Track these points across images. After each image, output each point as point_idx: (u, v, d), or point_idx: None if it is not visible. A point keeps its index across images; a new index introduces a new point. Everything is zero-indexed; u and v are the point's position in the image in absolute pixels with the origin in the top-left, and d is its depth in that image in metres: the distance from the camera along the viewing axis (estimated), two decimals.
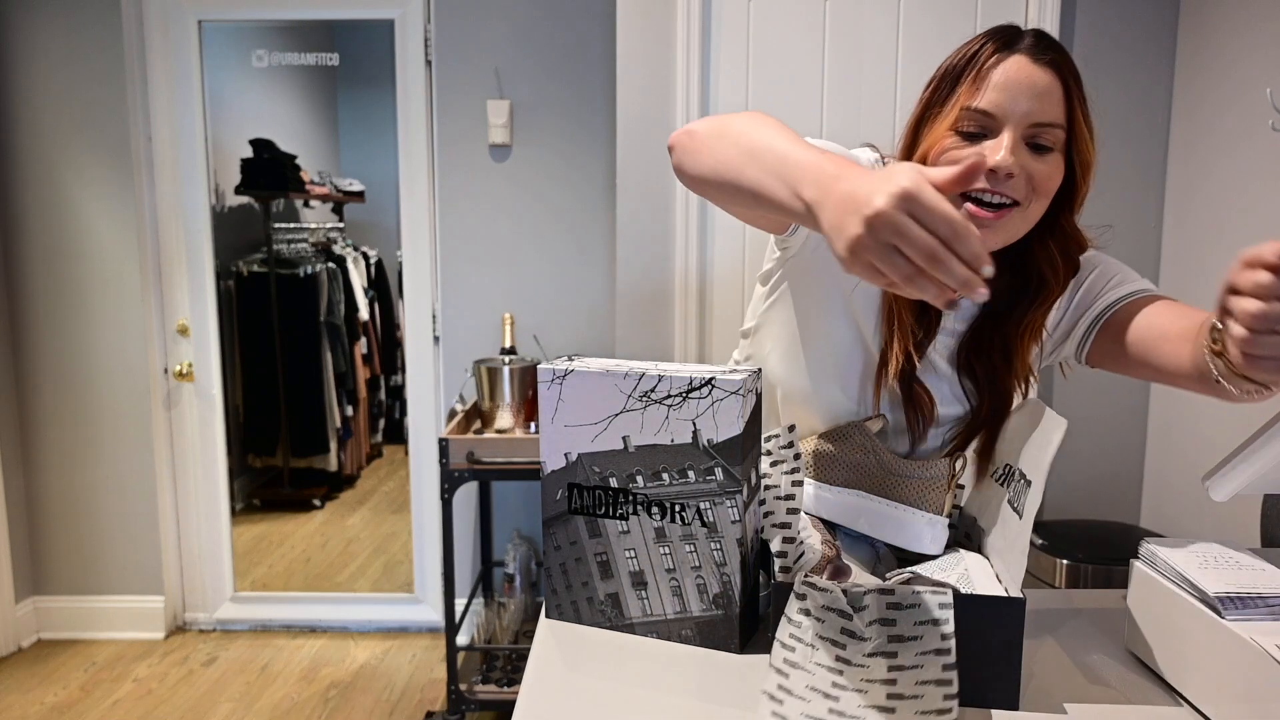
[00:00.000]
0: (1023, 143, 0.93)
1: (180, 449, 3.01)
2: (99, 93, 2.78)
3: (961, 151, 0.94)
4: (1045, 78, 0.92)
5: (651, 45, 2.42)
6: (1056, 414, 0.89)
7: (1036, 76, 0.92)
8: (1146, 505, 2.55)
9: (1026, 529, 0.86)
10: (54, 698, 2.60)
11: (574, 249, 2.80)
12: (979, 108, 0.93)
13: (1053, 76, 0.93)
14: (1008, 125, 0.92)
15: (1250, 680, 0.74)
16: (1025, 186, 0.93)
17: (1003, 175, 0.92)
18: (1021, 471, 0.92)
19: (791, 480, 0.99)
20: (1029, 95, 0.92)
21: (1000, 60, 0.93)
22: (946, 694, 0.76)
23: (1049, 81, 0.92)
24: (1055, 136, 0.93)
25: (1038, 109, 0.92)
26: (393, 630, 3.07)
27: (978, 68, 0.94)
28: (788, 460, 0.97)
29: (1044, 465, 0.87)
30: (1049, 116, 0.92)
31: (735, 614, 0.91)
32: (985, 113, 0.93)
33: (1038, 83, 0.92)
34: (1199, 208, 2.32)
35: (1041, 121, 0.92)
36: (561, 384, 0.94)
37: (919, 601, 0.80)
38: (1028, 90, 0.92)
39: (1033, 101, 0.92)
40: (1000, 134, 0.92)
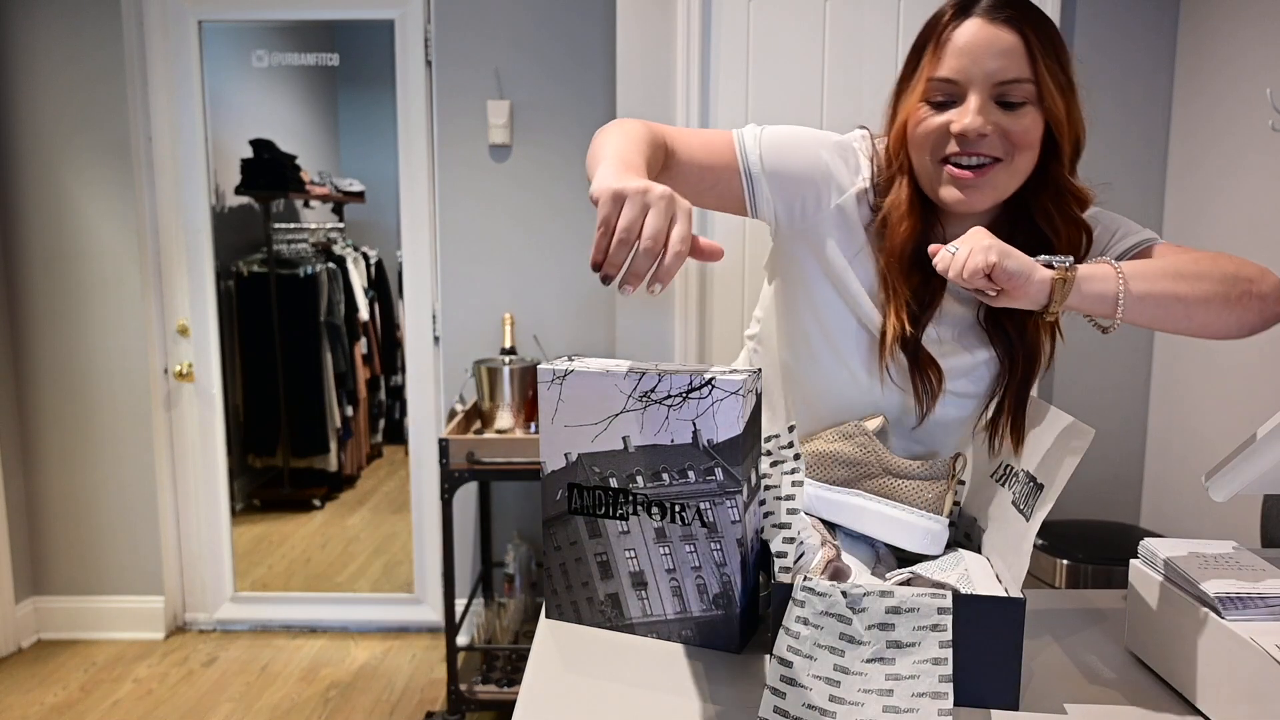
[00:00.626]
0: (992, 102, 0.94)
1: (180, 449, 3.01)
2: (99, 93, 2.78)
3: (932, 120, 0.97)
4: (1004, 35, 0.93)
5: (651, 45, 2.42)
6: (1082, 424, 0.87)
7: (995, 36, 0.93)
8: (1146, 505, 2.55)
9: (1032, 532, 0.86)
10: (54, 698, 2.60)
11: (574, 249, 2.80)
12: (941, 76, 0.95)
13: (1012, 33, 0.93)
14: (972, 88, 0.94)
15: (1250, 680, 0.74)
16: (1003, 143, 0.95)
17: (974, 137, 0.94)
18: (1029, 474, 0.92)
19: (791, 480, 0.99)
20: (989, 55, 0.93)
21: (957, 26, 0.95)
22: (941, 709, 0.76)
23: (1009, 39, 0.93)
24: (1025, 91, 0.94)
25: (999, 67, 0.93)
26: (393, 630, 3.07)
27: (938, 37, 0.96)
28: (788, 460, 0.97)
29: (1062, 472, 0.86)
30: (1013, 73, 0.93)
31: (735, 614, 0.91)
32: (949, 80, 0.95)
33: (996, 42, 0.93)
34: (1199, 208, 2.32)
35: (1005, 79, 0.93)
36: (561, 384, 0.94)
37: (918, 605, 0.80)
38: (986, 50, 0.93)
39: (993, 60, 0.93)
40: (967, 98, 0.94)
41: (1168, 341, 2.47)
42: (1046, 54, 0.94)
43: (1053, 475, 0.88)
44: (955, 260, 0.86)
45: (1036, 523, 0.86)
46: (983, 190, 0.97)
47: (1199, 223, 2.32)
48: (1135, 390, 2.54)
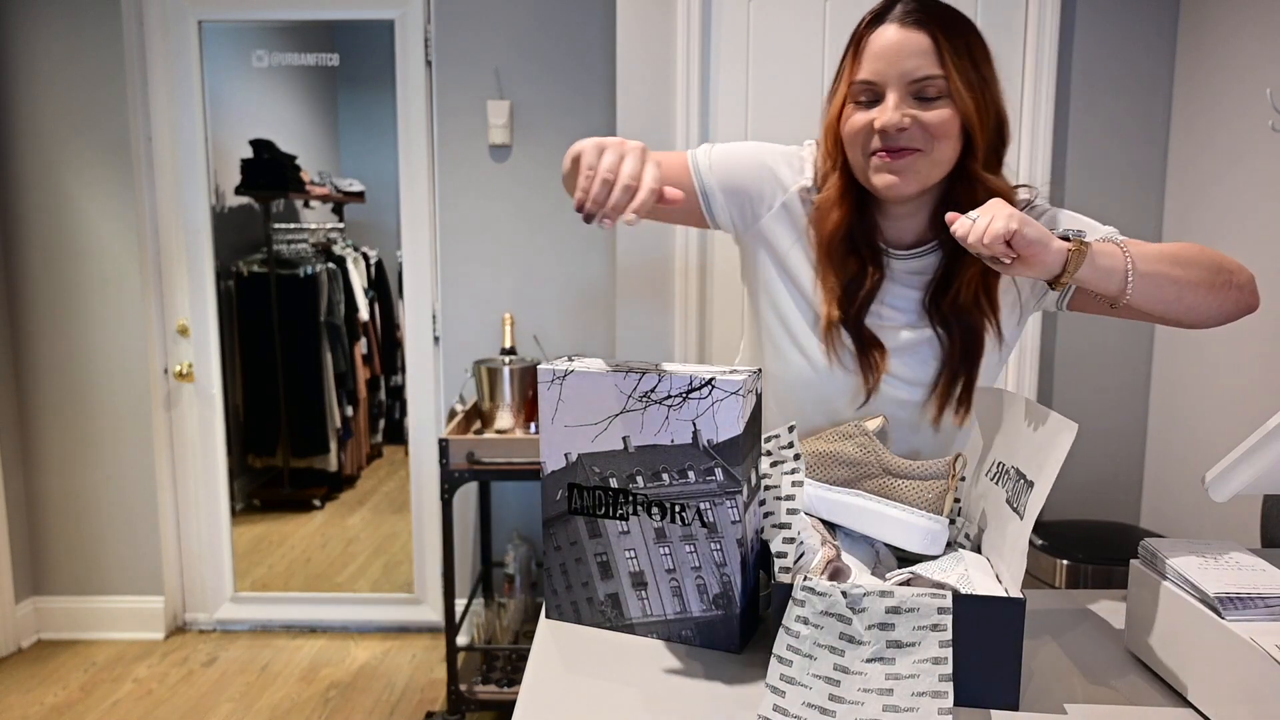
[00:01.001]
0: (911, 98, 1.03)
1: (180, 449, 3.01)
2: (99, 93, 2.78)
3: (858, 118, 1.05)
4: (915, 37, 1.02)
5: (651, 45, 2.42)
6: (1065, 418, 0.88)
7: (906, 38, 1.02)
8: (1146, 505, 2.55)
9: (1027, 530, 0.86)
10: (54, 698, 2.60)
11: (574, 249, 2.80)
12: (861, 79, 1.04)
13: (923, 34, 1.01)
14: (890, 88, 1.03)
15: (1250, 680, 0.74)
16: (922, 135, 1.03)
17: (893, 131, 1.02)
18: (1019, 471, 0.92)
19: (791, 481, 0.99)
20: (902, 57, 1.02)
21: (874, 32, 1.04)
22: (941, 708, 0.76)
23: (920, 40, 1.01)
24: (939, 86, 1.02)
25: (912, 67, 1.01)
26: (393, 630, 3.07)
27: (857, 43, 1.05)
28: (788, 460, 0.97)
29: (1051, 468, 0.86)
30: (925, 71, 1.01)
31: (735, 614, 0.91)
32: (868, 82, 1.04)
33: (908, 44, 1.02)
34: (1199, 208, 2.32)
35: (919, 77, 1.02)
36: (561, 384, 0.94)
37: (918, 605, 0.80)
38: (900, 52, 1.02)
39: (907, 61, 1.01)
40: (886, 96, 1.03)
41: (1168, 341, 2.47)
42: (957, 53, 1.02)
43: (1041, 471, 0.88)
44: (976, 226, 0.90)
45: (1030, 520, 0.86)
46: (906, 176, 1.04)
47: (1199, 222, 2.32)
48: (1135, 390, 2.54)
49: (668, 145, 2.44)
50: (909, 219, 1.12)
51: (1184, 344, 2.39)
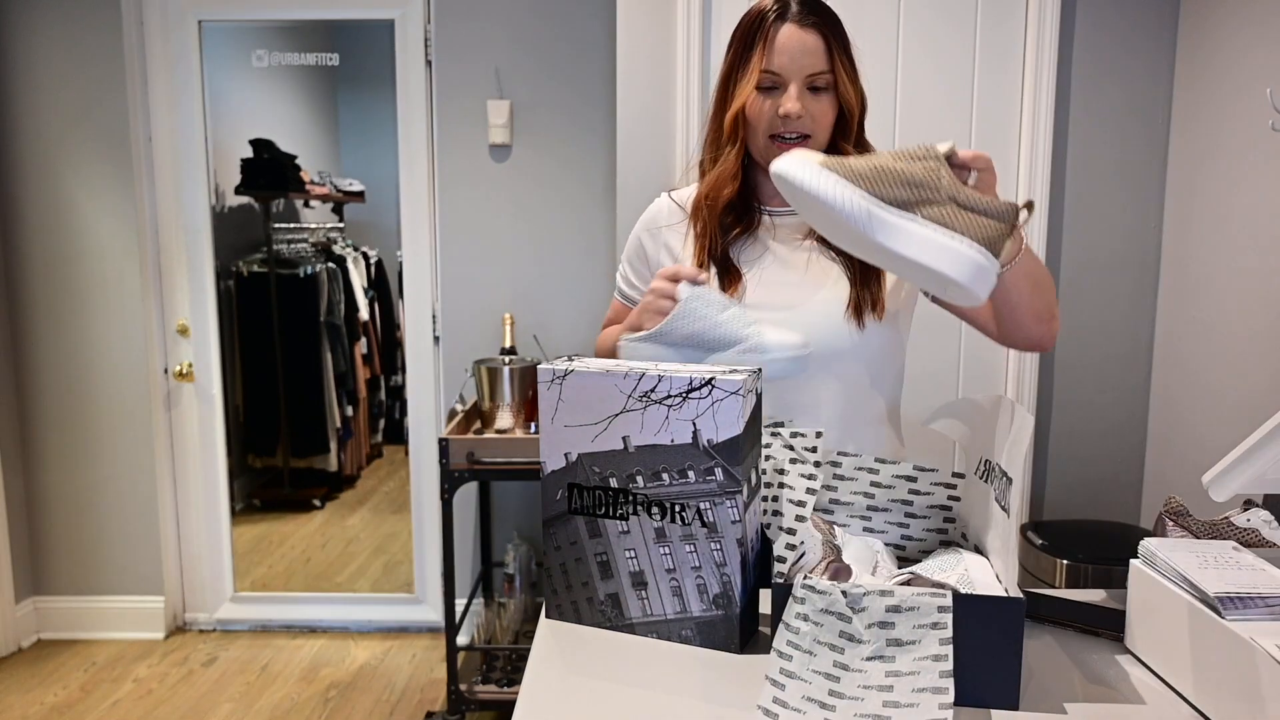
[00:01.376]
0: (806, 89, 1.20)
1: (180, 449, 3.01)
2: (99, 93, 2.78)
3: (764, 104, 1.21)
4: (811, 38, 1.19)
5: (652, 45, 2.42)
6: (1025, 410, 0.93)
7: (804, 38, 1.19)
8: (1146, 505, 2.55)
9: (1014, 527, 0.87)
10: (54, 698, 2.60)
11: (574, 249, 2.80)
12: (769, 69, 1.20)
13: (816, 35, 1.19)
14: (791, 79, 1.20)
15: (1250, 680, 0.74)
16: (811, 123, 1.21)
17: (794, 116, 1.20)
18: (1001, 468, 0.93)
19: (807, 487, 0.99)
20: (802, 54, 1.19)
21: (777, 29, 1.20)
22: (942, 703, 0.76)
23: (815, 41, 1.19)
24: (826, 80, 1.21)
25: (809, 63, 1.20)
26: (393, 630, 3.07)
27: (764, 36, 1.20)
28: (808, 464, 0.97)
29: (1018, 461, 0.88)
30: (818, 67, 1.20)
31: (735, 614, 0.91)
32: (773, 72, 1.20)
33: (805, 43, 1.19)
34: (1199, 208, 2.32)
35: (814, 72, 1.20)
36: (561, 384, 0.94)
37: (918, 604, 0.80)
38: (799, 50, 1.19)
39: (805, 58, 1.19)
40: (788, 86, 1.20)
41: (1168, 341, 2.47)
42: (841, 51, 1.21)
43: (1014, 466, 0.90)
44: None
45: (1015, 516, 0.87)
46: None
47: (1199, 222, 2.32)
48: (1135, 390, 2.54)
49: (668, 144, 2.45)
50: None
51: (1184, 345, 2.39)
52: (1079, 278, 2.51)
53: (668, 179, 2.42)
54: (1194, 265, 2.35)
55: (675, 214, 1.35)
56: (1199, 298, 2.32)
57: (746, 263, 1.29)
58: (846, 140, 1.25)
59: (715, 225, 1.29)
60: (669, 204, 1.37)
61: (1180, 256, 2.41)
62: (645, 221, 1.39)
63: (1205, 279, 2.30)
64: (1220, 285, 2.23)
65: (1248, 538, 0.99)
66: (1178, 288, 2.43)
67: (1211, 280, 2.27)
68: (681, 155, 2.43)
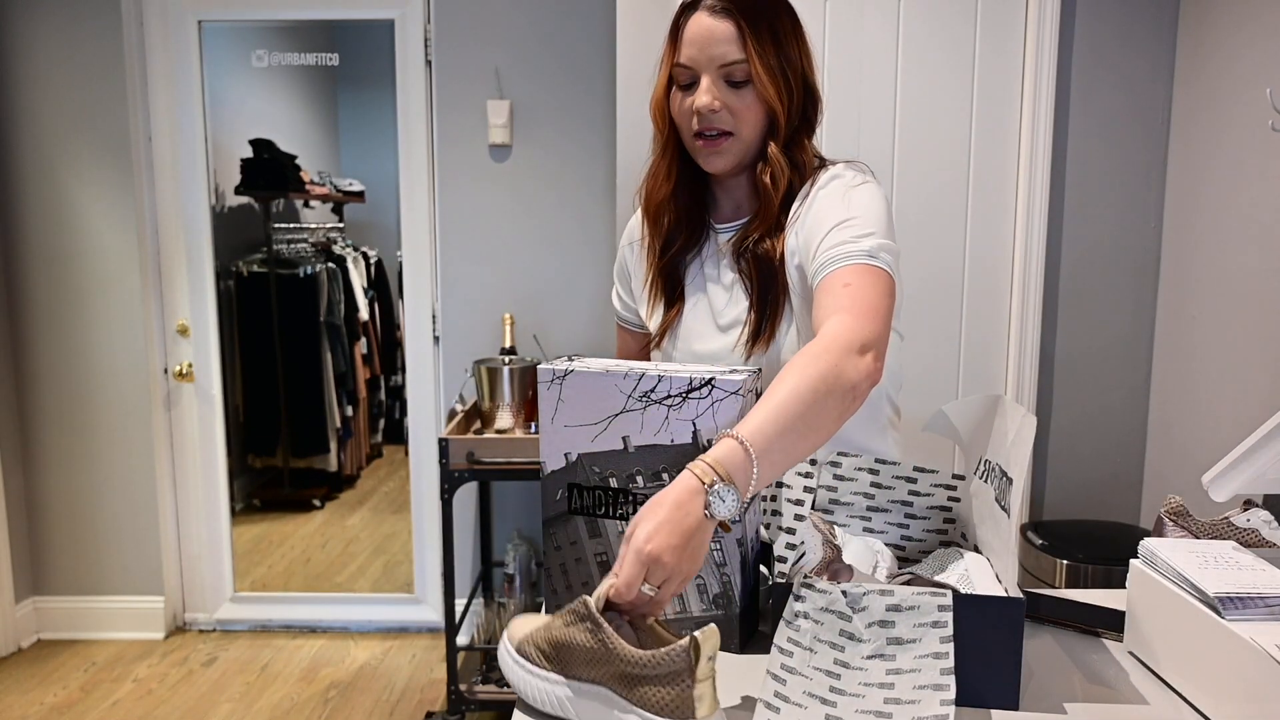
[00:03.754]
0: (723, 81, 1.11)
1: (180, 449, 3.01)
2: (99, 93, 2.78)
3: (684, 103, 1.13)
4: (722, 25, 1.09)
5: (651, 45, 2.41)
6: (1027, 412, 0.91)
7: (714, 26, 1.09)
8: (1146, 505, 2.55)
9: (1014, 527, 0.87)
10: (54, 698, 2.60)
11: (574, 249, 2.80)
12: (679, 63, 1.12)
13: (728, 23, 1.09)
14: (704, 72, 1.11)
15: (1250, 680, 0.74)
16: (732, 119, 1.12)
17: (706, 112, 1.11)
18: (1001, 468, 0.93)
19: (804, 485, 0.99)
20: (711, 43, 1.09)
21: (687, 20, 1.12)
22: (943, 699, 0.76)
23: (725, 28, 1.09)
24: (745, 71, 1.10)
25: (720, 53, 1.09)
26: (393, 630, 3.07)
27: (674, 30, 1.14)
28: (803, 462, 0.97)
29: (1021, 462, 0.88)
30: (731, 56, 1.09)
31: (735, 614, 0.91)
32: (685, 66, 1.12)
33: (715, 31, 1.09)
34: (1199, 208, 2.33)
35: (726, 62, 1.10)
36: (561, 384, 0.94)
37: (919, 604, 0.80)
38: (708, 40, 1.10)
39: (715, 47, 1.09)
40: (700, 80, 1.11)
41: (1168, 341, 2.47)
42: (759, 39, 1.09)
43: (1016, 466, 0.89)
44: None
45: (1015, 517, 0.87)
46: (722, 156, 1.14)
47: (1199, 222, 2.32)
48: (1135, 390, 2.54)
49: None
50: (736, 190, 1.21)
51: (1184, 344, 2.39)
52: (1079, 278, 2.51)
53: None
54: (1194, 265, 2.35)
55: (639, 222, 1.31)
56: (1199, 298, 2.32)
57: (690, 285, 1.22)
58: (776, 140, 1.14)
59: (654, 236, 1.23)
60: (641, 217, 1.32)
61: (1180, 256, 2.41)
62: (625, 236, 1.35)
63: (1205, 279, 2.30)
64: (1220, 285, 2.23)
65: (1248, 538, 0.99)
66: (1178, 288, 2.43)
67: (1211, 280, 2.27)
68: None
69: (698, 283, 1.22)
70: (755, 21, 1.09)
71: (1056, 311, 2.52)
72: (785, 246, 1.13)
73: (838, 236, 1.04)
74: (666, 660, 0.72)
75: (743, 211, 1.21)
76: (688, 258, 1.22)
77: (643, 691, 0.73)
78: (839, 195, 1.10)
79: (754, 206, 1.18)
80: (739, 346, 1.15)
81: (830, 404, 0.87)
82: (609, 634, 0.75)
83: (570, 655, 0.79)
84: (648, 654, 0.73)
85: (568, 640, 0.79)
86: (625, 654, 0.74)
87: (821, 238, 1.05)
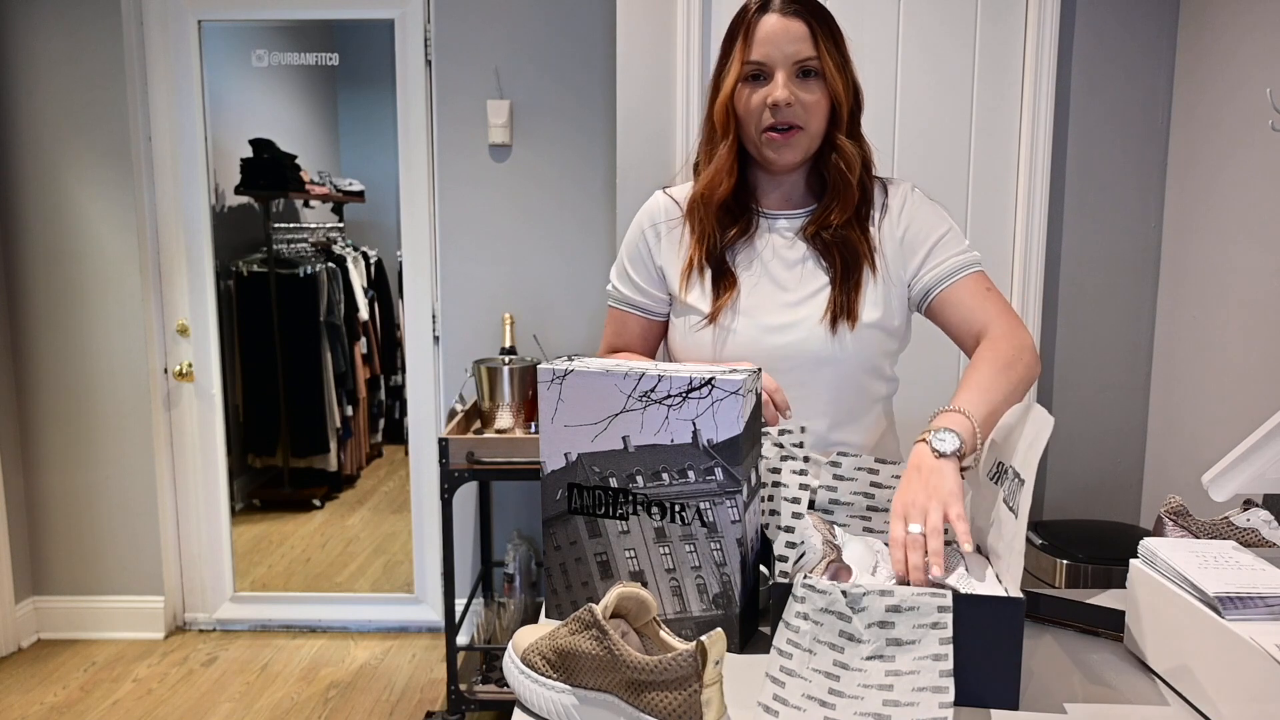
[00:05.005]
0: (794, 77, 1.20)
1: (180, 449, 3.01)
2: (99, 93, 2.78)
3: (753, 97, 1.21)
4: (795, 25, 1.19)
5: (652, 45, 2.42)
6: (1045, 411, 0.91)
7: (788, 26, 1.19)
8: (1146, 505, 2.55)
9: (1022, 528, 0.87)
10: (54, 698, 2.60)
11: (574, 248, 2.80)
12: (752, 59, 1.20)
13: (800, 22, 1.19)
14: (777, 68, 1.19)
15: (1250, 680, 0.74)
16: (802, 113, 1.20)
17: (783, 105, 1.19)
18: (1015, 470, 0.93)
19: (800, 483, 0.99)
20: (785, 41, 1.19)
21: (757, 21, 1.20)
22: (942, 702, 0.76)
23: (799, 27, 1.19)
24: (814, 66, 1.20)
25: (794, 50, 1.19)
26: (393, 630, 3.07)
27: (746, 29, 1.21)
28: (798, 459, 0.98)
29: (1033, 463, 0.87)
30: (804, 53, 1.19)
31: (735, 614, 0.91)
32: (758, 63, 1.20)
33: (789, 30, 1.19)
34: (1199, 207, 2.32)
35: (800, 58, 1.19)
36: (561, 384, 0.94)
37: (918, 604, 0.80)
38: (783, 38, 1.19)
39: (790, 45, 1.19)
40: (774, 75, 1.19)
41: (1168, 341, 2.47)
42: (826, 37, 1.20)
43: (1028, 468, 0.89)
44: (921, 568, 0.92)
45: (1024, 518, 0.87)
46: (792, 149, 1.22)
47: (1198, 222, 2.32)
48: (1135, 390, 2.54)
49: (667, 143, 2.45)
50: (792, 184, 1.30)
51: (1184, 344, 2.39)
52: (1079, 278, 2.51)
53: (667, 178, 2.42)
54: (1194, 265, 2.35)
55: (672, 210, 1.33)
56: (1199, 298, 2.32)
57: (742, 266, 1.28)
58: (839, 130, 1.24)
59: (712, 225, 1.27)
60: (665, 201, 1.35)
61: (1180, 256, 2.41)
62: (642, 220, 1.36)
63: (1205, 279, 2.30)
64: (1220, 285, 2.23)
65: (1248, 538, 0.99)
66: (1178, 288, 2.43)
67: (1211, 280, 2.27)
68: (681, 154, 2.43)
69: (754, 265, 1.28)
70: (822, 21, 1.20)
71: (1056, 311, 2.52)
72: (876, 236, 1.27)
73: (953, 247, 1.26)
74: (673, 666, 0.72)
75: (791, 199, 1.30)
76: (739, 244, 1.29)
77: (650, 697, 0.74)
78: (929, 208, 1.29)
79: (805, 195, 1.30)
80: (822, 322, 1.23)
81: (1024, 389, 1.14)
82: (615, 641, 0.76)
83: (576, 663, 0.79)
84: (654, 660, 0.73)
85: (573, 648, 0.79)
86: (632, 660, 0.74)
87: (935, 243, 1.26)
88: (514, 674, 0.85)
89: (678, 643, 0.77)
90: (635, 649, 0.76)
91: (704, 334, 1.26)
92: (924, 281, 1.26)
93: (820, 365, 1.23)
